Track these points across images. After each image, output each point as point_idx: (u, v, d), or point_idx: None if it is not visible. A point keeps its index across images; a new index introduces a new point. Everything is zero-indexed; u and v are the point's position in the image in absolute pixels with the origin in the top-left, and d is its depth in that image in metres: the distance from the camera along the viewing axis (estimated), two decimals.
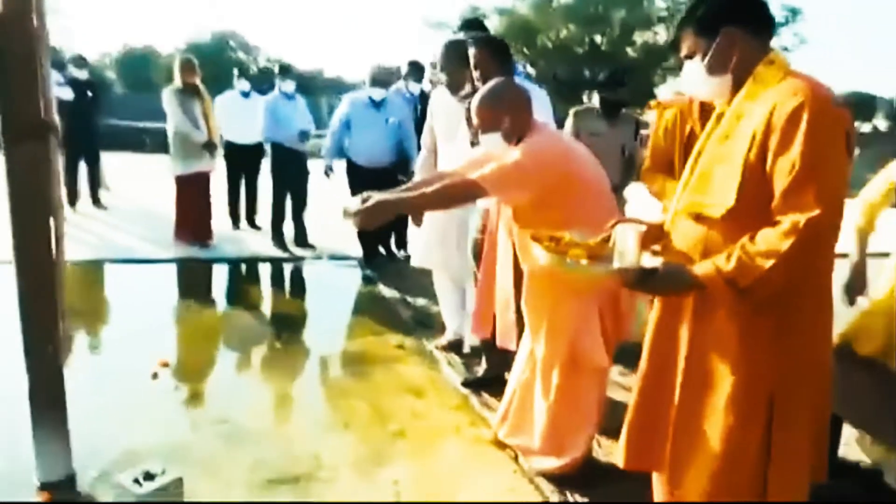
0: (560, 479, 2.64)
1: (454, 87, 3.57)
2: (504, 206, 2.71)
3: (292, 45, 74.52)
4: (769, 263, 1.46)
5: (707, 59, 1.66)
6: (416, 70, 5.51)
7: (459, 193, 2.45)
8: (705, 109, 2.67)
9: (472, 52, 3.23)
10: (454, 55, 3.56)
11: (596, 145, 3.42)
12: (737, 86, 1.65)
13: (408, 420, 3.16)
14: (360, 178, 5.21)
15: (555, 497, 2.57)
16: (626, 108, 4.33)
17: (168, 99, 5.87)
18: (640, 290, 1.71)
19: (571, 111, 4.32)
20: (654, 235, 1.84)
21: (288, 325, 4.58)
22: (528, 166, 2.39)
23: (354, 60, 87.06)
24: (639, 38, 25.07)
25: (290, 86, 6.18)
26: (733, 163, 1.56)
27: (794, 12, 22.34)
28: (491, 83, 2.60)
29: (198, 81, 5.96)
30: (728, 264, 1.52)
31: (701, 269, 1.58)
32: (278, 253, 6.27)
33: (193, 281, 5.57)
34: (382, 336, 4.31)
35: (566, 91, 22.36)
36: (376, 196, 2.39)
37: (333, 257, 6.23)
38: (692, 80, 1.73)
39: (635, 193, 4.08)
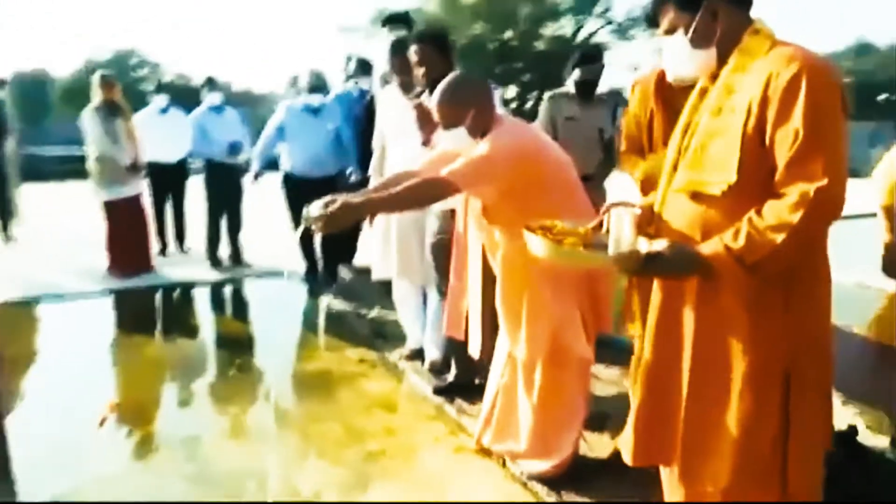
0: (552, 481, 2.58)
1: (406, 87, 3.47)
2: (473, 203, 2.62)
3: (196, 59, 72.19)
4: (780, 237, 1.41)
5: (691, 32, 1.61)
6: (364, 68, 5.26)
7: (430, 191, 2.34)
8: (662, 87, 2.62)
9: (414, 48, 3.14)
10: (404, 53, 3.47)
11: (571, 130, 3.38)
12: (721, 58, 1.60)
13: (384, 437, 3.04)
14: (299, 191, 4.99)
15: (551, 498, 2.50)
16: (600, 88, 3.92)
17: (88, 119, 5.47)
18: (644, 274, 1.64)
19: (546, 96, 4.08)
20: (647, 218, 1.79)
21: (239, 349, 4.33)
22: (497, 158, 2.32)
23: (262, 72, 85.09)
24: (545, 31, 25.51)
25: (216, 98, 5.90)
26: (731, 137, 1.51)
27: None
28: (450, 77, 2.51)
29: (118, 98, 5.59)
30: (736, 241, 1.46)
31: (708, 247, 1.52)
32: (216, 275, 5.98)
33: (131, 313, 5.22)
34: (341, 352, 4.16)
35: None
36: (341, 198, 2.26)
37: (274, 274, 5.99)
38: (675, 56, 1.67)
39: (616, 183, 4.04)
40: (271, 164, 5.39)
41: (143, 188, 5.88)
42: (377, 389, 3.59)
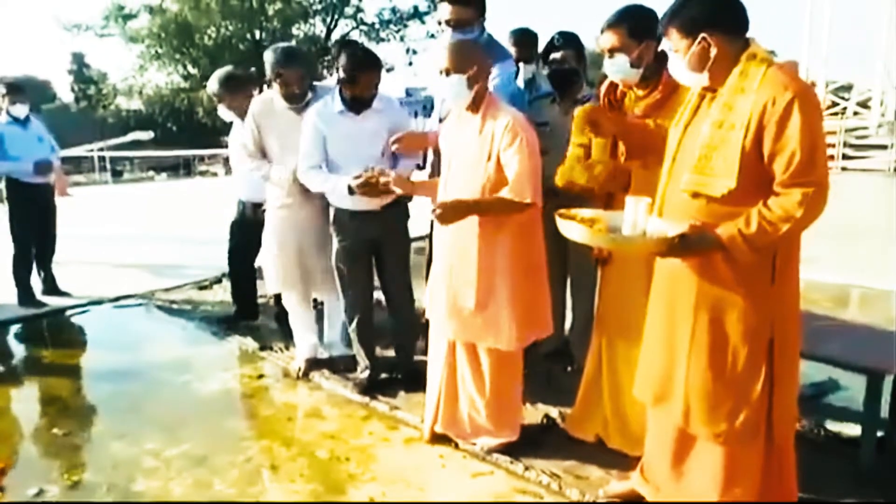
0: (509, 450, 2.86)
1: (291, 98, 3.55)
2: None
3: None
4: (786, 227, 1.82)
5: (687, 58, 1.95)
6: None
7: (515, 209, 2.62)
8: (610, 96, 2.69)
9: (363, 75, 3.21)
10: (296, 65, 3.53)
11: (546, 139, 2.93)
12: (715, 78, 1.95)
13: (331, 444, 3.08)
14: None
15: (516, 467, 2.78)
16: (579, 81, 3.28)
17: None
18: (675, 254, 1.96)
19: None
20: None
21: (118, 381, 3.91)
22: (537, 162, 2.62)
23: None
24: (297, 30, 25.34)
25: (21, 109, 5.07)
26: (731, 150, 1.87)
27: (435, 2, 24.60)
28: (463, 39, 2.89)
29: None
30: (749, 228, 1.85)
31: (724, 231, 1.89)
32: (62, 303, 5.27)
33: None
34: (234, 370, 4.01)
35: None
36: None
37: (100, 302, 5.42)
38: (676, 71, 2.04)
39: None
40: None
41: None
42: (297, 401, 3.56)
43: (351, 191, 3.12)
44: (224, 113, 4.37)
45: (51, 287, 5.43)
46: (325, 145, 3.28)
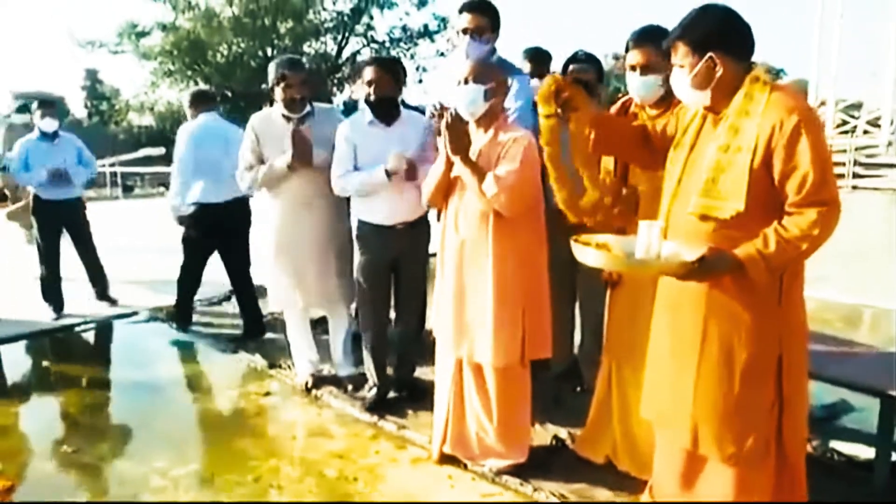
0: (518, 471, 2.84)
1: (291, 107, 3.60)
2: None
3: None
4: (804, 245, 1.82)
5: (692, 76, 1.96)
6: None
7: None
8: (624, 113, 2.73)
9: (372, 68, 3.30)
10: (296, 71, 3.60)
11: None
12: (718, 99, 1.96)
13: (338, 463, 3.06)
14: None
15: (525, 488, 2.76)
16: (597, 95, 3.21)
17: None
18: (695, 277, 1.94)
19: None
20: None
21: (126, 400, 3.93)
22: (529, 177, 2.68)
23: None
24: (308, 48, 25.54)
25: (50, 123, 5.13)
26: (739, 173, 1.88)
27: (445, 21, 24.82)
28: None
29: None
30: (767, 248, 1.85)
31: (742, 252, 1.88)
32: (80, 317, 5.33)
33: None
34: (243, 388, 4.00)
35: (245, 105, 21.95)
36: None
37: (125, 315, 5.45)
38: (678, 88, 2.04)
39: None
40: None
41: None
42: (303, 419, 3.55)
43: (388, 175, 3.21)
44: None
45: (101, 292, 5.63)
46: (355, 156, 3.32)
